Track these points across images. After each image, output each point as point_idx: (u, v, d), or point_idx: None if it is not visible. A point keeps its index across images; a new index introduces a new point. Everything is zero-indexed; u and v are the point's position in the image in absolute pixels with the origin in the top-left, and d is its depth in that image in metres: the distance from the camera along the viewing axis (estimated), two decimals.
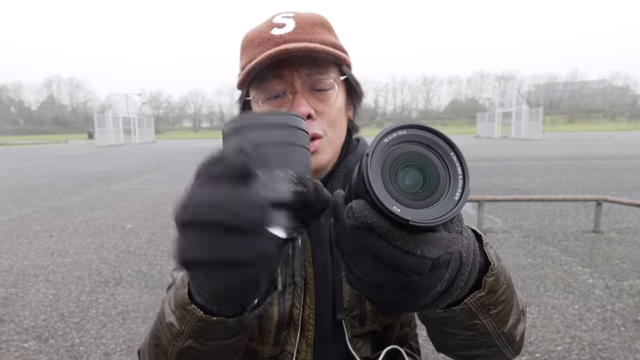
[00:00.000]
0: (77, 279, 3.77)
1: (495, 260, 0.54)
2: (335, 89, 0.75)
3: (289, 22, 0.73)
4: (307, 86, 0.72)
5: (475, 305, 0.52)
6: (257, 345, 0.79)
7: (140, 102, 41.21)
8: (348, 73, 0.78)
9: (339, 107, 0.76)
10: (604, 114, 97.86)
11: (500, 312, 0.55)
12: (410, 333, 0.92)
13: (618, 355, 2.45)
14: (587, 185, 8.42)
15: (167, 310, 0.58)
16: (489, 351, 0.59)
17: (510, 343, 0.59)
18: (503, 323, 0.57)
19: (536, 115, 34.27)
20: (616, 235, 4.82)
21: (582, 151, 18.02)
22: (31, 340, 2.73)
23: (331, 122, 0.74)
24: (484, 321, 0.54)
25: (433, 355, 2.41)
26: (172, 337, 0.57)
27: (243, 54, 0.76)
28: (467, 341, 0.57)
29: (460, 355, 0.62)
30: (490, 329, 0.55)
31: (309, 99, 0.72)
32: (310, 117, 0.71)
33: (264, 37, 0.72)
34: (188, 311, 0.53)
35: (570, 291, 3.32)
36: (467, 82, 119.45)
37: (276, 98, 0.72)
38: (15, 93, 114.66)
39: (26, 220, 6.10)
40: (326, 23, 0.77)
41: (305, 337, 0.79)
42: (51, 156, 21.00)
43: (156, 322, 0.61)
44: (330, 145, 0.75)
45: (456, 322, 0.54)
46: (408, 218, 0.33)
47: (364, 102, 0.87)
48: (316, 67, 0.72)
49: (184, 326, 0.54)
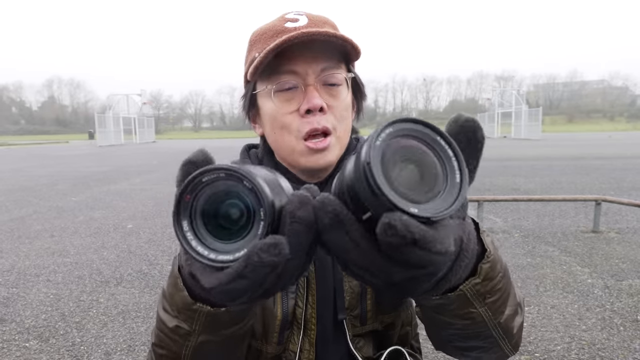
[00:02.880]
0: (78, 278, 3.78)
1: (491, 247, 0.54)
2: (345, 85, 0.76)
3: (301, 17, 0.74)
4: (320, 80, 0.72)
5: (470, 292, 0.52)
6: (261, 344, 0.80)
7: (141, 102, 41.18)
8: (354, 72, 0.79)
9: (347, 104, 0.77)
10: (603, 114, 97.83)
11: (496, 301, 0.55)
12: (411, 332, 0.92)
13: (617, 354, 2.45)
14: (587, 185, 8.43)
15: (167, 317, 0.57)
16: (485, 342, 0.59)
17: (507, 335, 0.59)
18: (499, 313, 0.56)
19: (536, 115, 34.28)
20: (615, 235, 4.83)
21: (582, 151, 18.02)
22: (32, 339, 2.74)
23: (340, 118, 0.75)
24: (480, 310, 0.54)
25: (433, 354, 2.42)
26: (182, 339, 0.56)
27: (253, 48, 0.76)
28: (463, 331, 0.57)
29: (457, 346, 0.62)
30: (486, 318, 0.55)
31: (320, 93, 0.72)
32: (322, 110, 0.71)
33: (278, 29, 0.73)
34: (194, 311, 0.52)
35: (569, 291, 3.33)
36: (466, 82, 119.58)
37: (288, 90, 0.72)
38: (16, 93, 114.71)
39: (27, 220, 6.11)
40: (334, 24, 0.78)
41: (308, 336, 0.80)
42: (52, 156, 21.00)
43: (157, 334, 0.60)
44: (339, 143, 0.76)
45: (451, 310, 0.54)
46: (428, 215, 0.33)
47: (363, 102, 0.88)
48: (329, 61, 0.72)
49: (194, 325, 0.54)
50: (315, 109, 0.71)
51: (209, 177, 0.36)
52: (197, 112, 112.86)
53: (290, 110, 0.73)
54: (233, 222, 0.37)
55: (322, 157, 0.73)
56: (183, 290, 0.52)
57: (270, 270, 0.33)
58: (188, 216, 0.37)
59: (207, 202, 0.37)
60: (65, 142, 44.01)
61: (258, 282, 0.34)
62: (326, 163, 0.74)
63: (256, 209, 0.36)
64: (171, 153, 22.27)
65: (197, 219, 0.37)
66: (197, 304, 0.52)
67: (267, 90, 0.74)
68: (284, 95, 0.73)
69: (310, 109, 0.71)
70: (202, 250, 0.36)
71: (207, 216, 0.37)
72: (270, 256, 0.33)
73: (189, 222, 0.37)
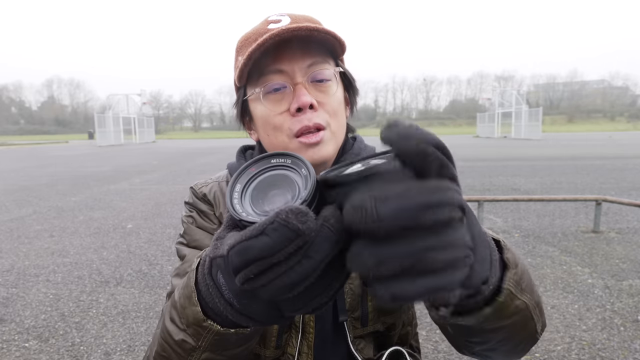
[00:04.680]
0: (78, 278, 3.77)
1: (501, 238, 0.53)
2: (334, 80, 0.75)
3: (284, 18, 0.73)
4: (307, 77, 0.72)
5: (513, 286, 0.48)
6: (259, 348, 0.79)
7: (141, 102, 41.16)
8: (343, 67, 0.78)
9: (339, 99, 0.76)
10: (603, 114, 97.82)
11: (527, 281, 0.53)
12: (411, 332, 0.92)
13: (617, 354, 2.45)
14: (587, 185, 8.43)
15: (174, 329, 0.56)
16: (525, 335, 0.56)
17: (541, 312, 0.57)
18: (532, 292, 0.54)
19: (536, 115, 34.28)
20: (616, 235, 4.83)
21: (582, 151, 18.02)
22: (32, 339, 2.73)
23: (333, 113, 0.74)
24: (522, 297, 0.51)
25: (433, 354, 2.41)
26: (186, 354, 0.56)
27: (239, 54, 0.76)
28: (511, 329, 0.53)
29: (501, 350, 0.58)
30: (529, 303, 0.53)
31: (309, 90, 0.72)
32: (312, 107, 0.71)
33: (261, 32, 0.72)
34: (204, 328, 0.51)
35: (569, 291, 3.33)
36: (466, 82, 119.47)
37: (276, 91, 0.72)
38: (16, 93, 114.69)
39: (26, 220, 6.10)
40: (318, 21, 0.77)
41: (307, 339, 0.79)
42: (51, 156, 21.00)
43: (161, 343, 0.59)
44: (334, 137, 0.75)
45: (505, 313, 0.49)
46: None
47: (363, 103, 0.88)
48: (315, 57, 0.72)
49: (200, 342, 0.53)
50: (305, 107, 0.70)
51: (277, 160, 0.42)
52: (197, 112, 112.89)
53: (281, 111, 0.72)
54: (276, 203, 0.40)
55: (316, 152, 0.72)
56: (197, 305, 0.50)
57: (293, 235, 0.32)
58: (244, 183, 0.42)
59: (266, 182, 0.41)
60: (65, 142, 44.01)
61: (277, 246, 0.33)
62: (321, 158, 0.73)
63: (301, 190, 0.39)
64: (171, 153, 22.27)
65: (249, 188, 0.41)
66: (208, 320, 0.50)
67: (256, 94, 0.73)
68: (273, 96, 0.72)
69: (301, 107, 0.70)
70: (238, 208, 0.39)
71: (258, 191, 0.41)
72: (297, 221, 0.32)
73: (241, 187, 0.41)
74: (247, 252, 0.34)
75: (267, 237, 0.33)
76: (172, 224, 5.71)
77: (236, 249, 0.34)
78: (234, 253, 0.35)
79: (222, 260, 0.42)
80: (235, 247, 0.34)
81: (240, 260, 0.34)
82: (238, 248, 0.34)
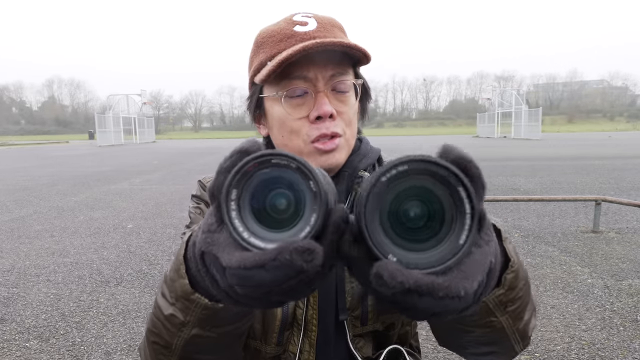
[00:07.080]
0: (78, 278, 3.78)
1: (514, 256, 0.52)
2: (352, 91, 0.76)
3: (310, 21, 0.74)
4: (329, 86, 0.73)
5: (493, 303, 0.51)
6: (260, 344, 0.79)
7: (141, 103, 41.13)
8: (362, 77, 0.80)
9: (355, 109, 0.78)
10: (603, 114, 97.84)
11: (516, 308, 0.54)
12: (411, 331, 0.92)
13: (617, 354, 2.46)
14: (587, 185, 8.43)
15: (164, 304, 0.55)
16: (500, 347, 0.59)
17: (522, 339, 0.59)
18: (519, 320, 0.56)
19: (535, 115, 34.25)
20: (615, 235, 4.83)
21: (582, 151, 18.01)
22: (32, 339, 2.74)
23: (349, 122, 0.76)
24: (501, 318, 0.53)
25: (433, 354, 2.42)
26: (175, 329, 0.55)
27: (260, 50, 0.76)
28: (481, 337, 0.56)
29: (472, 352, 0.61)
30: (506, 325, 0.54)
31: (330, 99, 0.73)
32: (332, 116, 0.72)
33: (287, 33, 0.72)
34: (192, 301, 0.51)
35: (569, 291, 3.33)
36: (466, 82, 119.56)
37: (298, 97, 0.73)
38: (17, 93, 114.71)
39: (27, 220, 6.11)
40: (342, 27, 0.78)
41: (309, 337, 0.79)
42: (52, 156, 20.99)
43: (152, 319, 0.59)
44: (347, 144, 0.77)
45: (472, 320, 0.53)
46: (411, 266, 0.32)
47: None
48: (339, 67, 0.73)
49: (188, 316, 0.53)
50: (326, 116, 0.71)
51: (278, 161, 0.34)
52: (197, 112, 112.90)
53: (300, 116, 0.73)
54: (278, 211, 0.36)
55: (331, 157, 0.74)
56: (184, 277, 0.50)
57: (295, 274, 0.31)
58: (241, 187, 0.35)
59: (265, 181, 0.35)
60: (66, 142, 43.99)
61: (277, 281, 0.32)
62: (334, 163, 0.75)
63: (308, 211, 0.34)
64: (171, 153, 22.27)
65: (247, 193, 0.35)
66: (195, 294, 0.50)
67: (277, 96, 0.74)
68: (295, 101, 0.73)
69: (321, 116, 0.71)
70: (238, 225, 0.34)
71: (257, 194, 0.36)
72: (302, 261, 0.31)
73: (237, 193, 0.35)
74: (246, 280, 0.33)
75: (267, 274, 0.32)
76: (173, 224, 5.71)
77: (234, 272, 0.33)
78: (231, 275, 0.34)
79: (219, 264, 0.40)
80: (233, 270, 0.33)
81: (238, 282, 0.34)
82: (236, 273, 0.33)
